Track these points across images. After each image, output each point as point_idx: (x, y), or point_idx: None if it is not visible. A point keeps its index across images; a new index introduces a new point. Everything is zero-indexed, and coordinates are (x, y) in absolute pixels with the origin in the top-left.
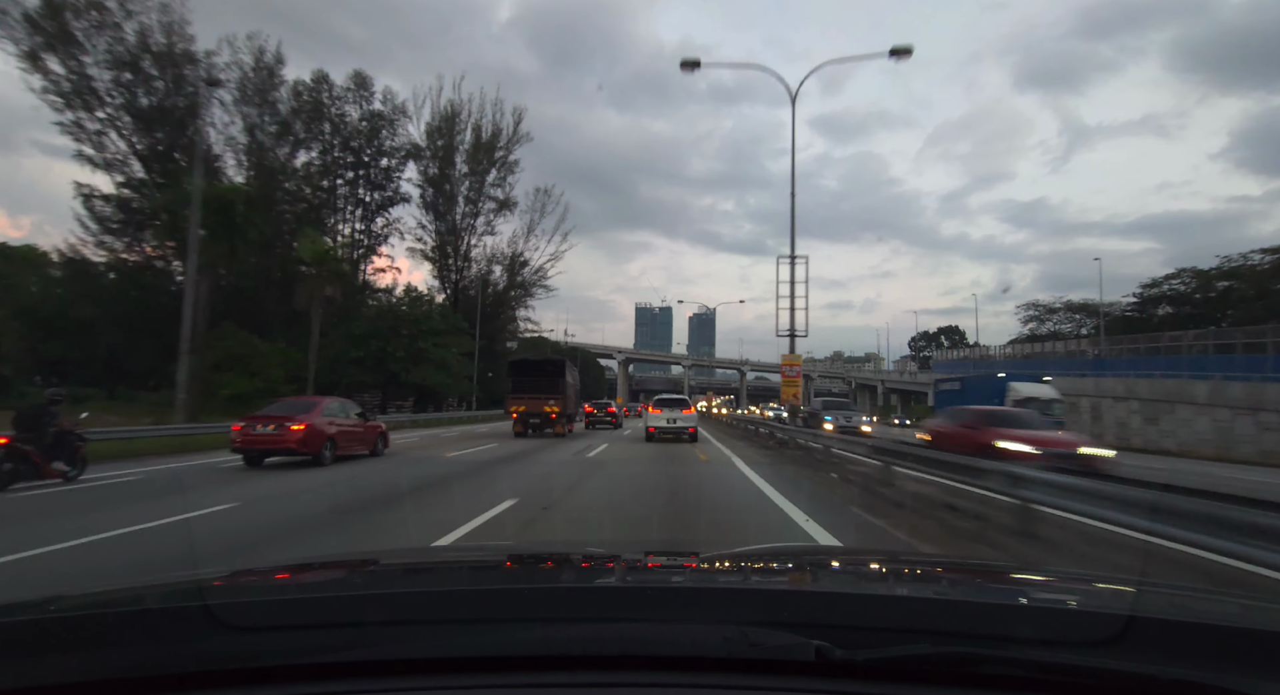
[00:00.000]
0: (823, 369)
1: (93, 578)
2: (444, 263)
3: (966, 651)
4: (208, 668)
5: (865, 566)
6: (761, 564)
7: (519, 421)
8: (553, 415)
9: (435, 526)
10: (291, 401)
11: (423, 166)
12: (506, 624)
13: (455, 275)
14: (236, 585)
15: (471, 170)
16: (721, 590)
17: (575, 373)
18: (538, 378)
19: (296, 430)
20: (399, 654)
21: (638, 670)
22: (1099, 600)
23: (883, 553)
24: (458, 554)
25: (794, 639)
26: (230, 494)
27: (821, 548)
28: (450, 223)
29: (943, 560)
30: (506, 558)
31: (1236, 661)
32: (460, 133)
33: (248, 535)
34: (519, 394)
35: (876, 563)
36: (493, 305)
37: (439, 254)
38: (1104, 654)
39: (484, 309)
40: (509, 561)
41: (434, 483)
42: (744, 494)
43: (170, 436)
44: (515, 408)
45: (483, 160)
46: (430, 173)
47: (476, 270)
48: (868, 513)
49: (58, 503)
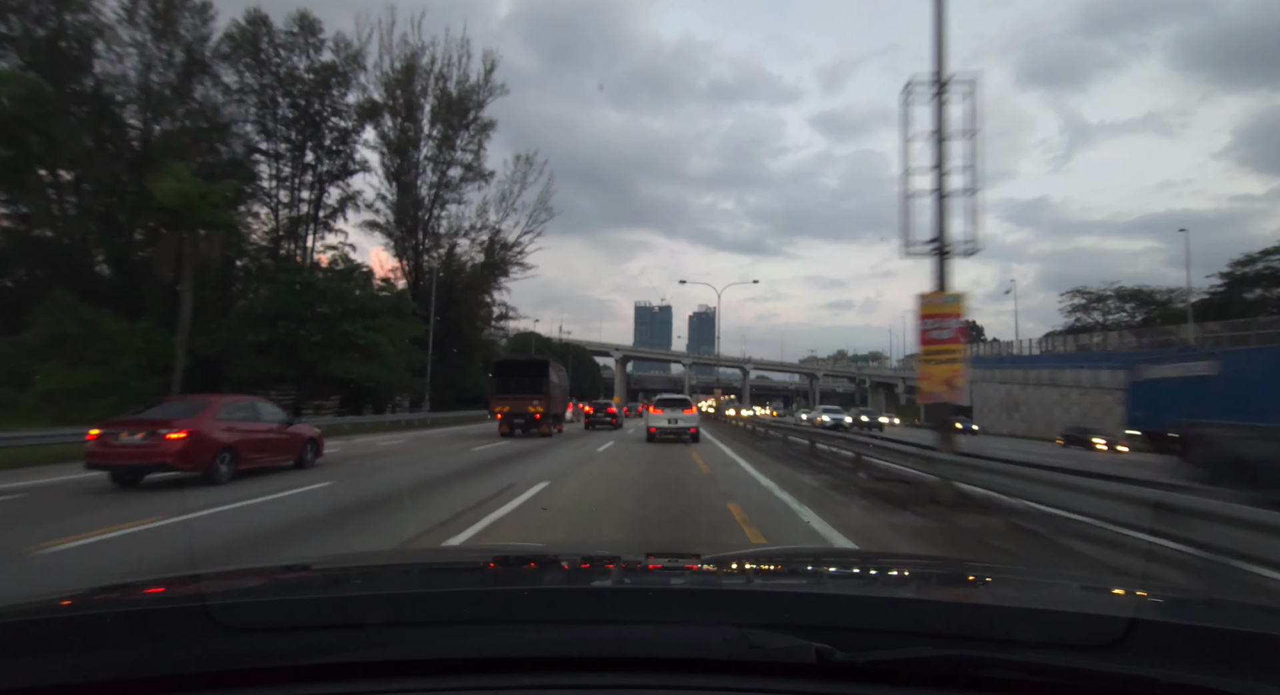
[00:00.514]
0: (828, 368)
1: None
2: (404, 239)
3: (968, 654)
4: (207, 668)
5: (867, 569)
6: (762, 566)
7: (504, 422)
8: (537, 415)
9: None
10: (176, 402)
11: (380, 127)
12: (507, 625)
13: (418, 253)
14: (236, 586)
15: (440, 133)
16: (722, 592)
17: (563, 373)
18: (522, 378)
19: (175, 439)
20: (398, 655)
21: (638, 672)
22: (1101, 603)
23: (884, 555)
24: (458, 555)
25: (795, 641)
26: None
27: (823, 550)
28: (413, 194)
29: (944, 563)
30: (506, 559)
31: (1238, 665)
32: (423, 81)
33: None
34: (503, 394)
35: (878, 565)
36: (463, 289)
37: (400, 229)
38: (1106, 657)
39: (453, 291)
40: (509, 563)
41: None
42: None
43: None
44: (500, 408)
45: (451, 118)
46: (388, 132)
47: (442, 249)
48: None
49: None
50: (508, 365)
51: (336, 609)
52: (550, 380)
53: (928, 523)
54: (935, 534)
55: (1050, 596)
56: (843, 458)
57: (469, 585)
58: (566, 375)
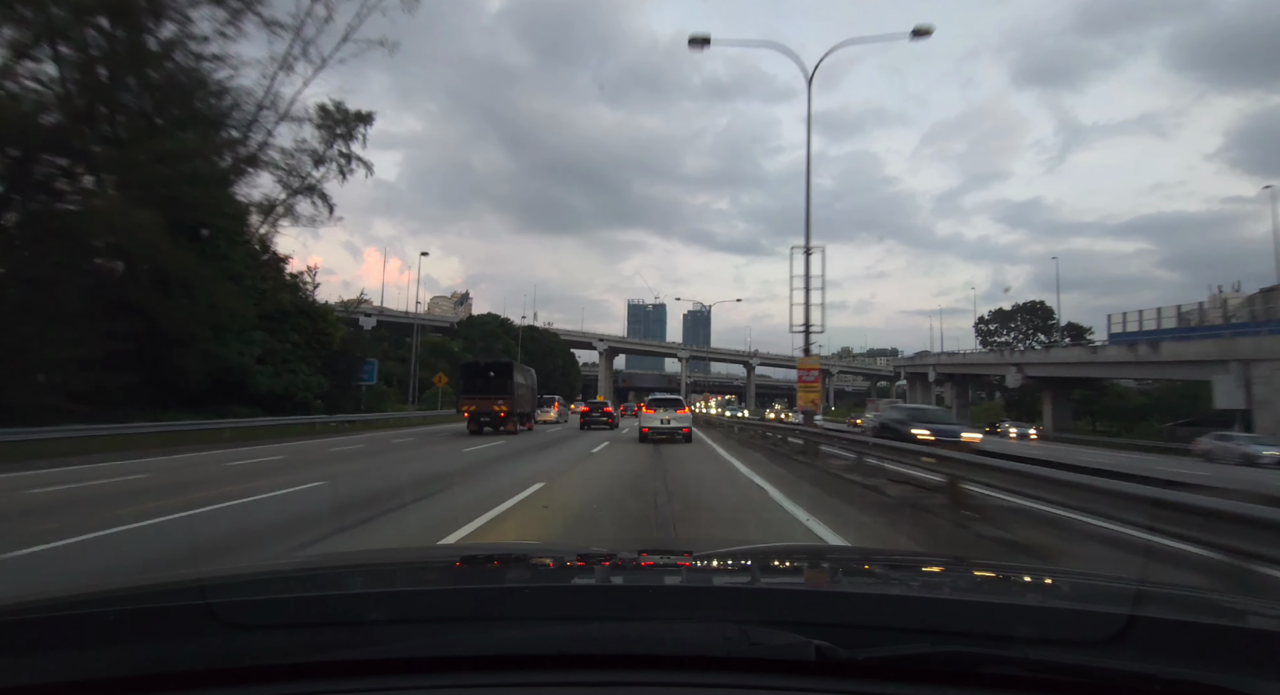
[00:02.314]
0: (841, 365)
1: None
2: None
3: (967, 651)
4: (209, 666)
5: (865, 565)
6: (761, 563)
7: (471, 420)
8: (501, 414)
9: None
10: None
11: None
12: (507, 623)
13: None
14: (238, 583)
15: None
16: (722, 589)
17: (529, 374)
18: (486, 379)
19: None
20: (399, 652)
21: (638, 669)
22: (1099, 599)
23: (883, 552)
24: (458, 553)
25: (794, 638)
26: None
27: (822, 547)
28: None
29: (943, 559)
30: (507, 556)
31: (1237, 661)
32: None
33: None
34: (469, 395)
35: (877, 562)
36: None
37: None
38: (1104, 653)
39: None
40: (510, 560)
41: None
42: None
43: None
44: (466, 407)
45: None
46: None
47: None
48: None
49: None
50: (473, 367)
51: (337, 606)
52: (515, 381)
53: None
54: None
55: (1049, 593)
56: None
57: (470, 582)
58: (534, 376)
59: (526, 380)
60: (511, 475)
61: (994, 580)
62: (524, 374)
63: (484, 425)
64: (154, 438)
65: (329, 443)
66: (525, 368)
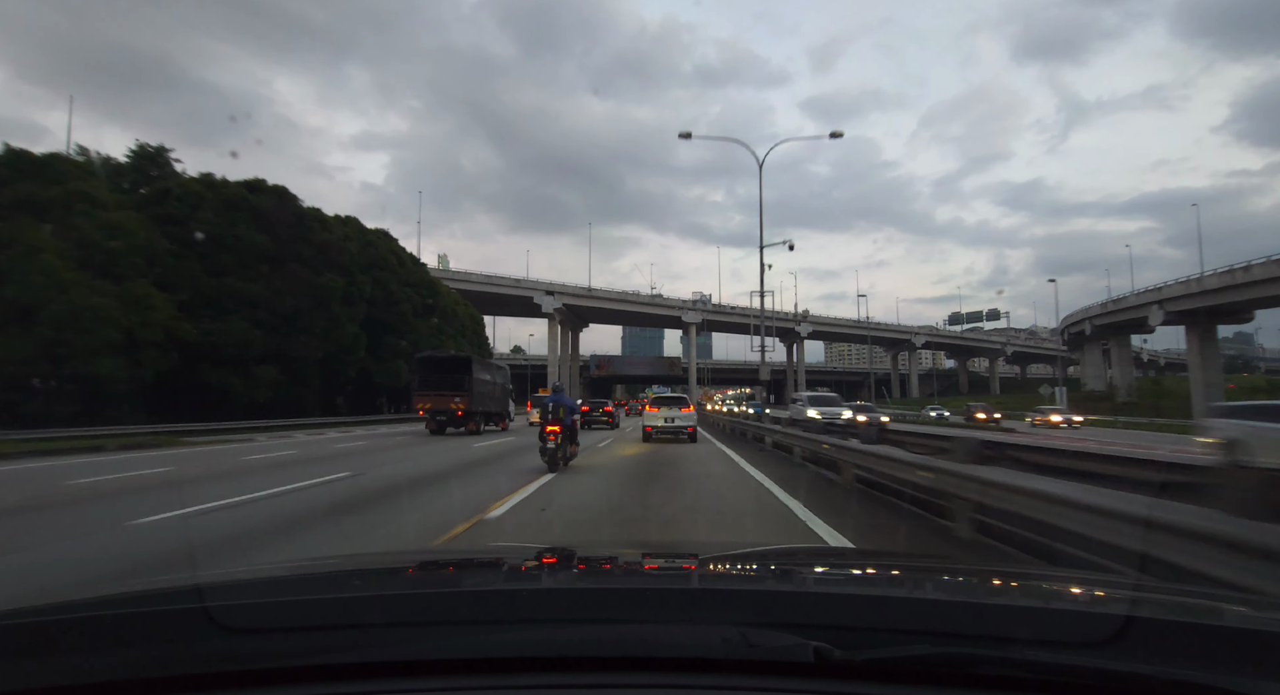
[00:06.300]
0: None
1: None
2: None
3: (965, 652)
4: (207, 670)
5: (864, 567)
6: (760, 565)
7: (429, 418)
8: (459, 412)
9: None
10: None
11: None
12: (505, 625)
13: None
14: (236, 587)
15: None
16: (720, 591)
17: (498, 370)
18: (443, 375)
19: None
20: (398, 655)
21: (637, 671)
22: (1097, 601)
23: (881, 554)
24: (457, 555)
25: (793, 640)
26: None
27: (820, 549)
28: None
29: (941, 561)
30: (506, 558)
31: (1234, 662)
32: None
33: None
34: (425, 391)
35: (875, 564)
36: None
37: None
38: (1102, 654)
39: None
40: (508, 562)
41: None
42: None
43: None
44: (422, 404)
45: None
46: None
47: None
48: None
49: None
50: (429, 361)
51: (336, 609)
52: (475, 377)
53: None
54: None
55: (1046, 594)
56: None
57: (469, 585)
58: (507, 372)
59: (493, 377)
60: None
61: (992, 582)
62: (489, 370)
63: (440, 424)
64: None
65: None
66: (492, 364)
